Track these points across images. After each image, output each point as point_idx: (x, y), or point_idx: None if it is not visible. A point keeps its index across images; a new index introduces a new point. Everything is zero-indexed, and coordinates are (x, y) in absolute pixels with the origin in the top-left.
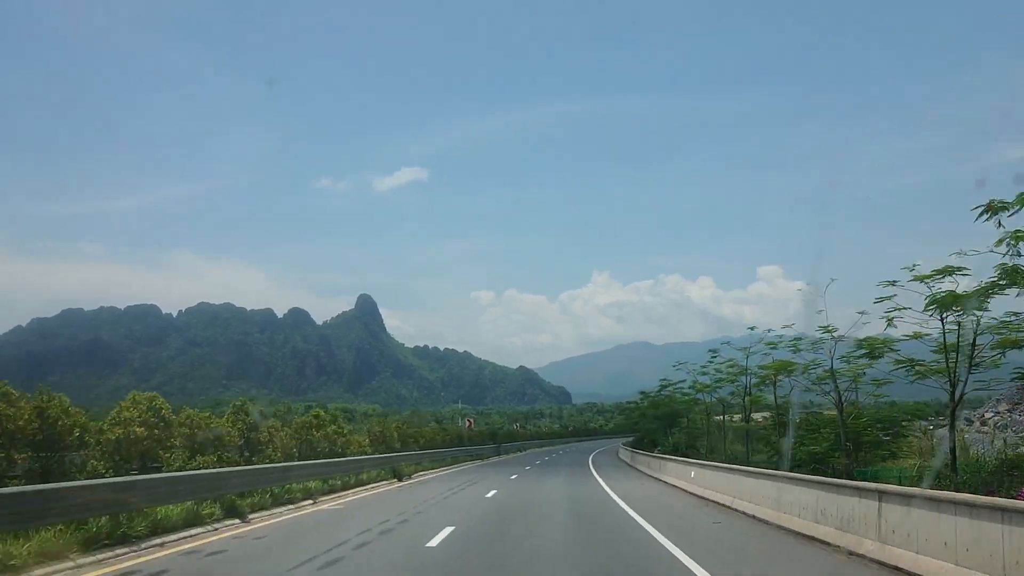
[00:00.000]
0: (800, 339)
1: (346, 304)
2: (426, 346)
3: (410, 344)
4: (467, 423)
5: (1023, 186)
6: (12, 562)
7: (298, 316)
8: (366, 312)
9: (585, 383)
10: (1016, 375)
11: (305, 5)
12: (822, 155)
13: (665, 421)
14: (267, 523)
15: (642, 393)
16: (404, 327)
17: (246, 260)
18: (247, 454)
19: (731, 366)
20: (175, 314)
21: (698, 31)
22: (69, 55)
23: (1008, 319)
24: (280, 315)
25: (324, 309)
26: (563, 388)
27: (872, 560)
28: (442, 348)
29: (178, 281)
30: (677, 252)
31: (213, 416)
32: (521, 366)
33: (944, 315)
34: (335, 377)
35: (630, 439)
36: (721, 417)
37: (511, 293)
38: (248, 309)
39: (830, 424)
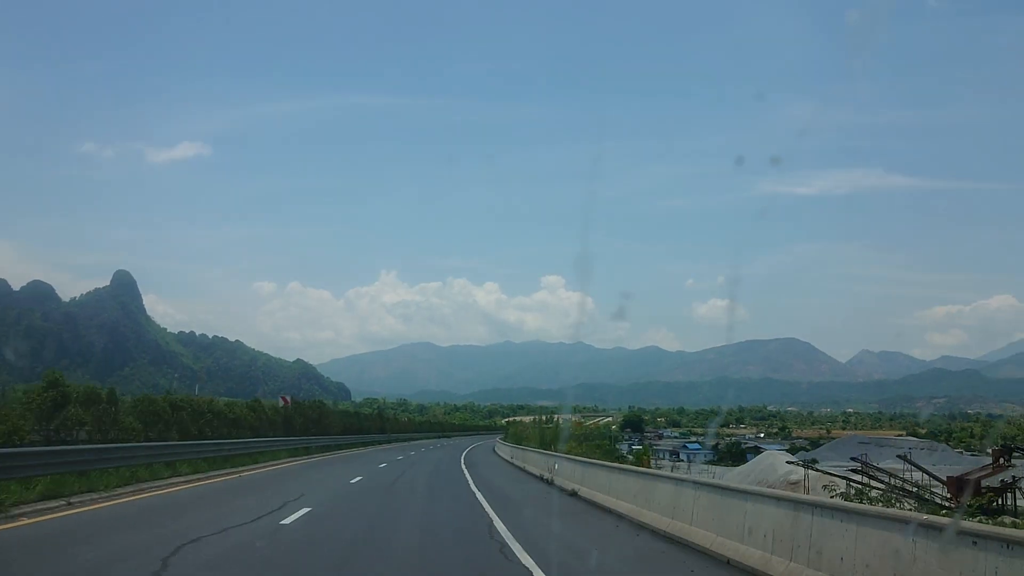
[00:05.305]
0: None
1: (101, 282)
2: (192, 332)
3: (174, 329)
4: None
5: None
6: None
7: (39, 290)
8: (123, 291)
9: (367, 381)
10: None
11: None
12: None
13: None
14: None
15: None
16: (175, 314)
17: None
18: None
19: None
20: None
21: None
22: None
23: None
24: (16, 288)
25: (76, 288)
26: (343, 384)
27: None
28: (210, 336)
29: None
30: (467, 256)
31: None
32: (299, 359)
33: None
34: (80, 361)
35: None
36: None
37: (295, 286)
38: None
39: None
